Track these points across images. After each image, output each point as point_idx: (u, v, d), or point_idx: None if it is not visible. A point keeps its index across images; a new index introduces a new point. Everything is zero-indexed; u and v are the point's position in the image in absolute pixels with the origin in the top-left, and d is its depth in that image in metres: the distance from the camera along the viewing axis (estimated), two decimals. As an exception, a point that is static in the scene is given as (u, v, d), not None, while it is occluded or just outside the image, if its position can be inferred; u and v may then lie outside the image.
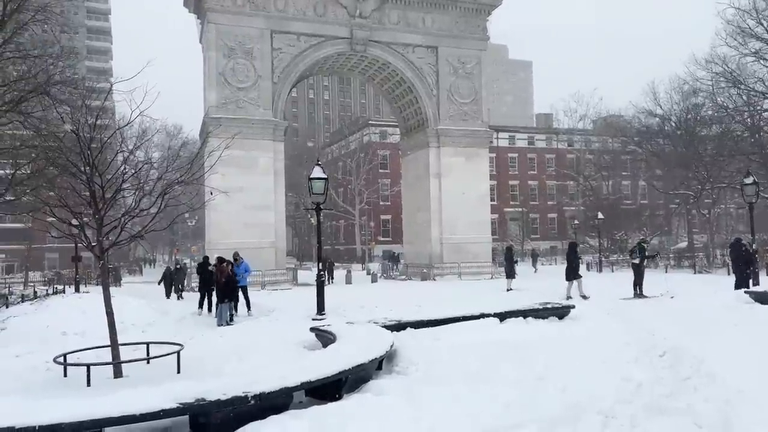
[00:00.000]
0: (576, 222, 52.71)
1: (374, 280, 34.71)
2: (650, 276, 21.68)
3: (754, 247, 18.95)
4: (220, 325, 14.70)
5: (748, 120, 44.30)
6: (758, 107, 44.23)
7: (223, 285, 15.32)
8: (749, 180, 18.80)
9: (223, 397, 5.83)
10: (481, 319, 12.23)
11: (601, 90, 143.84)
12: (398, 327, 11.23)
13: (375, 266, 44.97)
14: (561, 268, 43.31)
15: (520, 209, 69.50)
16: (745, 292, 14.94)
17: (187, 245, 68.28)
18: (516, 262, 25.78)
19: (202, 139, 31.03)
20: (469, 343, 10.14)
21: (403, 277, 36.96)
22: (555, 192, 72.00)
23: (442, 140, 35.55)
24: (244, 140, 27.85)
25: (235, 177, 27.28)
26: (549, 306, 13.36)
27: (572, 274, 18.94)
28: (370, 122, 72.00)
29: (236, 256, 17.82)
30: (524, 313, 12.83)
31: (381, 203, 64.99)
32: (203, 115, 31.76)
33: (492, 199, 44.15)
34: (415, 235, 37.72)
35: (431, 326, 11.65)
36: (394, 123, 51.74)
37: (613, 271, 34.98)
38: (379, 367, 8.59)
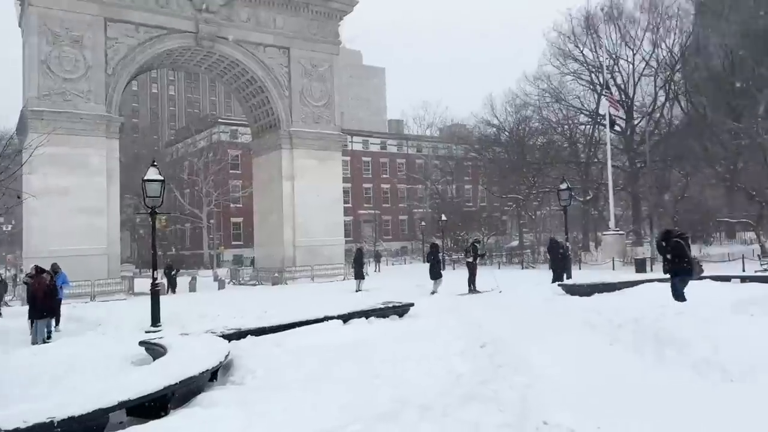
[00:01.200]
0: (423, 223, 55.60)
1: (221, 286, 33.47)
2: (484, 272, 23.56)
3: (568, 245, 21.45)
4: (35, 342, 13.14)
5: (567, 132, 49.98)
6: (575, 121, 50.21)
7: (42, 298, 13.74)
8: (563, 186, 21.28)
9: (23, 426, 5.23)
10: (326, 322, 12.36)
11: (447, 100, 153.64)
12: (238, 335, 10.94)
13: (223, 272, 43.34)
14: (409, 267, 45.66)
15: (374, 211, 71.57)
16: (559, 285, 16.87)
17: (1, 254, 60.19)
18: (364, 263, 26.39)
19: (21, 134, 27.61)
20: (311, 347, 10.20)
21: (254, 282, 36.09)
22: (405, 195, 75.24)
23: (295, 142, 35.36)
24: (72, 136, 25.38)
25: (61, 177, 24.72)
26: (390, 305, 13.91)
27: (435, 272, 20.02)
28: (219, 120, 69.30)
29: (56, 267, 16.22)
30: (367, 314, 13.22)
31: (232, 206, 62.79)
32: (22, 108, 28.25)
33: (346, 202, 44.94)
34: (267, 239, 37.06)
35: (274, 332, 11.52)
36: (245, 122, 50.33)
37: (454, 268, 37.38)
38: (215, 378, 8.31)
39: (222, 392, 7.60)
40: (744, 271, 21.70)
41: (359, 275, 24.54)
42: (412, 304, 14.19)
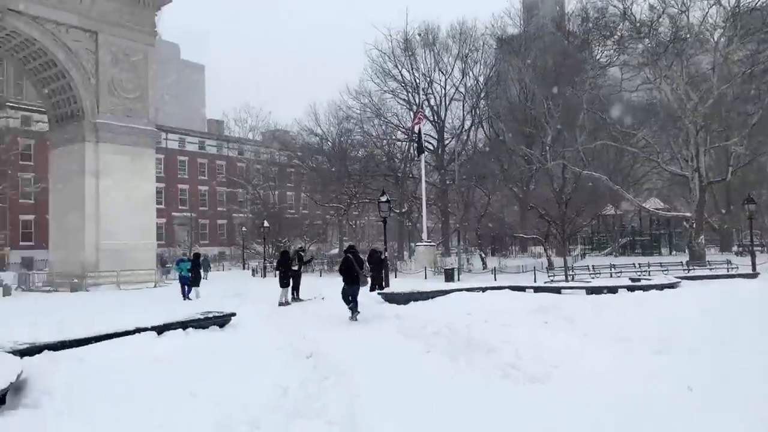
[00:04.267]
0: (244, 229, 54.16)
1: (7, 292, 28.90)
2: (307, 280, 23.78)
3: (386, 254, 22.60)
4: None
5: (386, 147, 52.74)
6: (393, 137, 53.18)
7: None
8: (383, 198, 22.42)
9: None
10: (137, 334, 11.39)
11: (271, 104, 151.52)
12: (32, 351, 9.57)
13: (9, 276, 37.47)
14: (231, 273, 43.72)
15: (189, 214, 67.75)
16: (378, 293, 17.66)
17: None
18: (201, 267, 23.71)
19: None
20: (119, 362, 9.32)
21: (48, 288, 31.81)
22: (225, 198, 72.53)
23: (102, 135, 32.08)
24: None
25: None
26: (210, 315, 13.28)
27: (284, 281, 19.17)
28: (9, 104, 59.92)
29: None
30: (184, 324, 12.45)
31: (21, 201, 54.59)
32: None
33: (159, 203, 41.86)
34: (65, 240, 32.94)
35: (77, 346, 10.28)
36: (41, 108, 44.28)
37: (275, 276, 36.90)
38: (2, 403, 7.17)
39: (9, 419, 6.61)
40: (535, 281, 24.90)
41: (195, 282, 22.28)
42: (234, 314, 13.74)
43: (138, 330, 11.46)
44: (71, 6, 31.13)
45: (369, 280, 15.40)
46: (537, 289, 18.62)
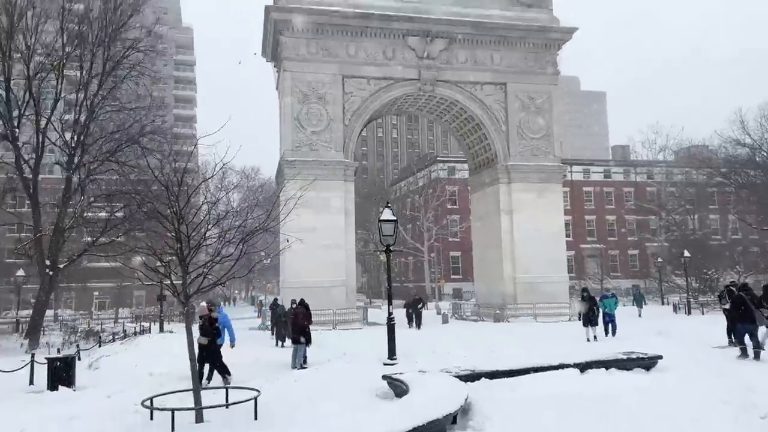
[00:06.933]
0: (659, 259, 50.01)
1: (445, 320, 34.21)
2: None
3: None
4: (294, 367, 14.87)
5: None
6: None
7: (302, 326, 15.46)
8: None
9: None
10: (560, 370, 11.71)
11: (682, 120, 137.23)
12: (472, 377, 10.95)
13: (445, 305, 44.39)
14: (649, 309, 39.90)
15: (598, 245, 66.84)
16: None
17: (263, 282, 70.15)
18: (596, 305, 21.23)
19: (279, 182, 32.28)
20: (546, 397, 9.73)
21: (475, 317, 36.21)
22: (635, 227, 68.78)
23: (513, 176, 35.06)
24: (317, 181, 28.64)
25: (308, 217, 27.87)
26: (634, 356, 12.61)
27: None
28: (438, 158, 72.29)
29: (210, 304, 13.67)
30: (607, 364, 12.17)
31: (450, 240, 64.51)
32: (279, 158, 33.07)
33: (567, 235, 42.77)
34: (487, 273, 37.02)
35: (507, 376, 11.27)
36: (462, 158, 51.73)
37: (703, 313, 32.61)
38: (453, 421, 8.39)
39: (463, 438, 7.62)
40: None
41: (592, 321, 20.93)
42: (660, 357, 12.67)
43: (561, 366, 11.79)
44: (484, 65, 35.54)
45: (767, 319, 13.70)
46: None
